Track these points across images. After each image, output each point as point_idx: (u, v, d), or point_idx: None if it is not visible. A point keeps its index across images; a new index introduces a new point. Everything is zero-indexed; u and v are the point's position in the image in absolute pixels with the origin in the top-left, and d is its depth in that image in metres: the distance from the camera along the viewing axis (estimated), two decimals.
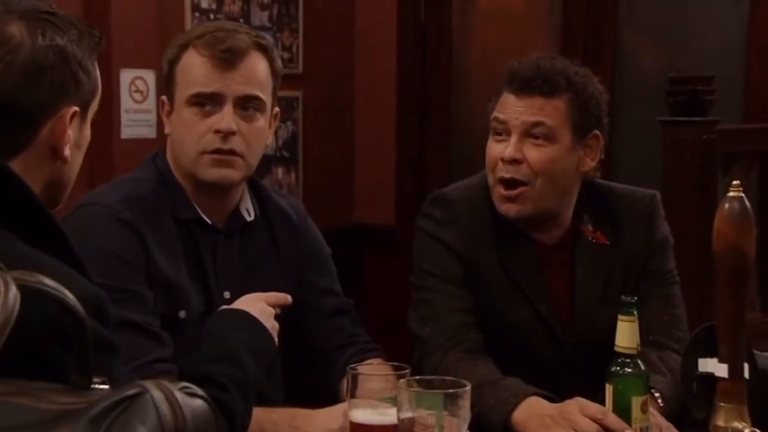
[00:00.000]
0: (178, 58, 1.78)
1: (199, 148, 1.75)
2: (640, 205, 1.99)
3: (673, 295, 1.99)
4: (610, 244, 1.96)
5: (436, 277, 1.93)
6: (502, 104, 1.91)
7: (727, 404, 1.42)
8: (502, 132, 1.91)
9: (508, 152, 1.88)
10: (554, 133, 1.88)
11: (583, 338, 1.91)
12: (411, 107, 4.23)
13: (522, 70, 1.90)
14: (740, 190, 1.38)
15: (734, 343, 1.42)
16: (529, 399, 1.73)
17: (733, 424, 1.42)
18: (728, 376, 1.42)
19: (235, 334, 1.59)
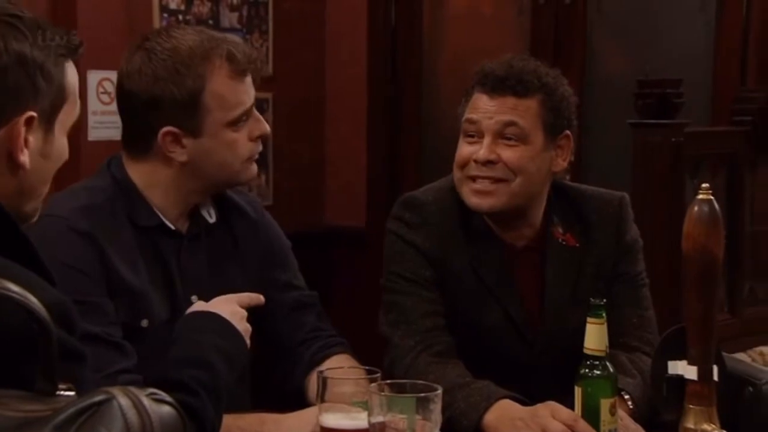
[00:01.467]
0: None
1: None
2: (610, 207, 2.00)
3: (642, 297, 2.00)
4: (580, 246, 1.97)
5: (407, 280, 1.93)
6: (474, 105, 1.91)
7: (696, 406, 1.43)
8: (474, 133, 1.90)
9: (482, 154, 1.88)
10: (527, 133, 1.88)
11: (553, 340, 1.91)
12: (382, 109, 4.23)
13: (494, 71, 1.90)
14: (709, 193, 1.39)
15: (703, 345, 1.43)
16: (500, 402, 1.73)
17: (703, 426, 1.42)
18: (697, 378, 1.43)
19: (207, 337, 1.58)
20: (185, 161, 1.75)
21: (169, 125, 1.72)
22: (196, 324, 1.61)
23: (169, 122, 1.72)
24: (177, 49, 1.73)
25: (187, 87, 1.71)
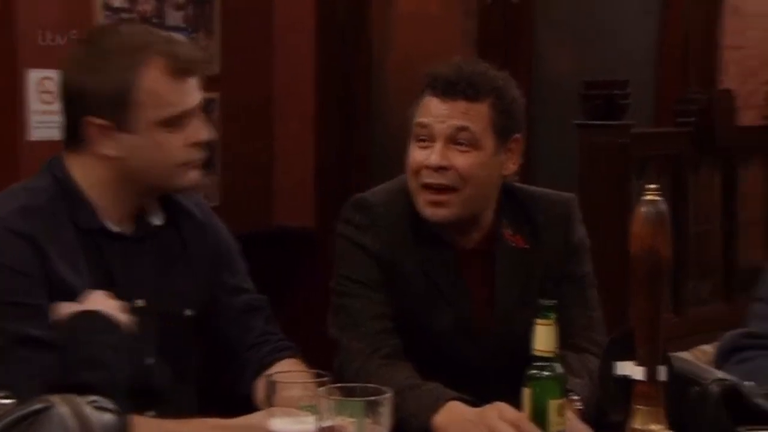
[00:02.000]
0: None
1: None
2: (558, 209, 2.01)
3: (590, 297, 2.01)
4: (529, 247, 1.97)
5: (356, 282, 1.92)
6: (425, 109, 1.90)
7: (643, 407, 1.44)
8: (425, 137, 1.89)
9: (433, 159, 1.87)
10: (478, 138, 1.88)
11: (504, 342, 1.91)
12: (331, 108, 4.21)
13: (445, 74, 1.89)
14: (656, 194, 1.39)
15: (651, 345, 1.44)
16: (449, 404, 1.72)
17: (650, 426, 1.43)
18: (645, 379, 1.43)
19: (97, 336, 1.57)
20: (116, 156, 1.72)
21: (93, 116, 1.71)
22: (81, 325, 1.59)
23: (94, 113, 1.71)
24: (113, 42, 1.73)
25: (114, 79, 1.70)
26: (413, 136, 1.92)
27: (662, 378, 1.44)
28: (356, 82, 4.21)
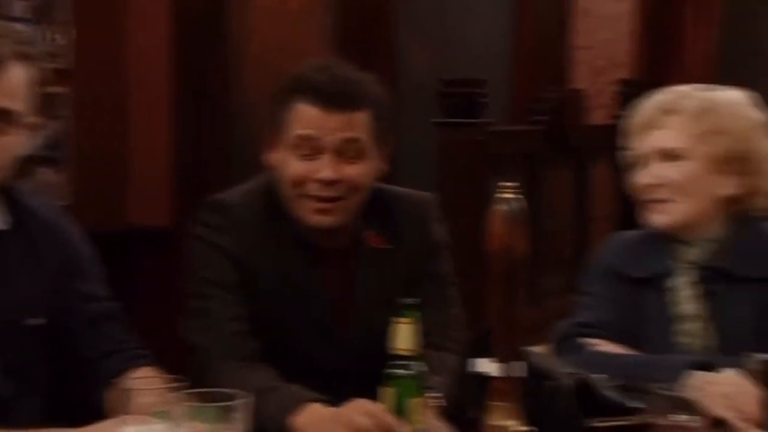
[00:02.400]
0: None
1: None
2: (417, 208, 2.01)
3: (449, 296, 2.02)
4: (391, 248, 1.97)
5: (213, 284, 1.88)
6: (305, 120, 1.85)
7: (500, 403, 1.45)
8: (310, 150, 1.85)
9: (326, 174, 1.84)
10: (364, 147, 1.87)
11: (365, 344, 1.90)
12: (187, 104, 4.11)
13: (321, 82, 1.84)
14: (512, 191, 1.40)
15: (508, 341, 1.45)
16: (308, 405, 1.70)
17: (506, 422, 1.44)
18: (502, 375, 1.45)
19: None
20: None
21: None
22: None
23: None
24: None
25: None
26: (292, 147, 1.87)
27: (518, 374, 1.46)
28: (213, 76, 4.12)
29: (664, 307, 1.97)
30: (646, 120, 2.01)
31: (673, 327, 1.96)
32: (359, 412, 1.62)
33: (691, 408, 1.55)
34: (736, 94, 2.01)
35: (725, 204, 1.98)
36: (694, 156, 1.95)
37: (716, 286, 1.94)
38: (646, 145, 2.00)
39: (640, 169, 2.02)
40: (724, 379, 1.73)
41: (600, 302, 2.03)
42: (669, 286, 1.98)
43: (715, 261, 1.96)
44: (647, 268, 2.00)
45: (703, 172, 1.95)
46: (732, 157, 1.95)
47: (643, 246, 2.04)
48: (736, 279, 1.93)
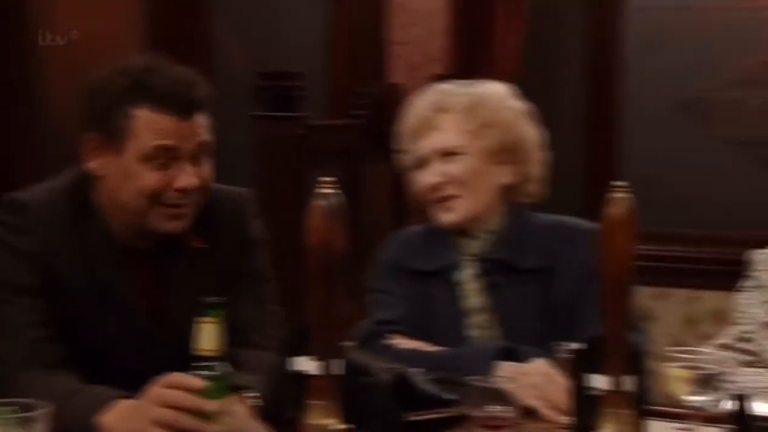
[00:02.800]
0: None
1: None
2: (234, 205, 1.97)
3: (266, 293, 1.99)
4: (207, 247, 1.91)
5: (10, 288, 1.77)
6: (158, 129, 1.77)
7: (318, 401, 1.43)
8: (165, 159, 1.78)
9: (187, 182, 1.79)
10: (210, 148, 1.84)
11: (177, 346, 1.84)
12: None
13: (167, 89, 1.77)
14: (332, 186, 1.39)
15: (327, 339, 1.43)
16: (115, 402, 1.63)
17: (325, 421, 1.42)
18: (320, 373, 1.43)
19: None
20: None
21: None
22: None
23: None
24: None
25: None
26: (144, 158, 1.78)
27: (337, 371, 1.44)
28: (19, 66, 3.91)
29: (451, 301, 2.01)
30: (420, 122, 2.04)
31: (461, 320, 2.00)
32: (161, 400, 1.56)
33: (503, 399, 1.58)
34: (499, 87, 2.07)
35: (503, 194, 2.04)
36: (472, 151, 2.00)
37: (498, 277, 2.00)
38: (425, 146, 2.02)
39: (421, 170, 2.04)
40: (533, 368, 1.78)
41: (393, 299, 2.05)
42: (455, 279, 2.02)
43: (496, 253, 2.01)
44: (433, 262, 2.04)
45: (482, 165, 2.01)
46: (505, 148, 2.02)
47: (428, 240, 2.08)
48: (516, 270, 1.99)
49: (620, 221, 1.34)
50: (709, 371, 1.57)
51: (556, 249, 1.98)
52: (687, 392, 1.56)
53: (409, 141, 2.06)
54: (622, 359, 1.35)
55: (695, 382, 1.56)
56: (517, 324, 1.96)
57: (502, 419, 1.58)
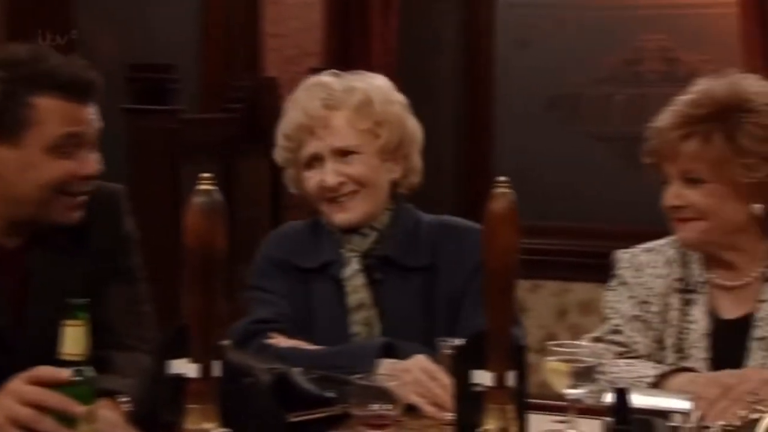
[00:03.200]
0: None
1: None
2: (105, 201, 1.90)
3: (139, 292, 1.92)
4: (73, 246, 1.83)
5: None
6: (65, 116, 1.73)
7: (196, 405, 1.38)
8: (71, 147, 1.74)
9: (92, 169, 1.78)
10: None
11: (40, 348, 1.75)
12: None
13: (67, 75, 1.73)
14: (210, 183, 1.34)
15: (205, 340, 1.38)
16: None
17: (202, 425, 1.38)
18: (198, 376, 1.38)
19: None
20: None
21: None
22: None
23: None
24: None
25: None
26: (50, 147, 1.72)
27: (216, 374, 1.40)
28: None
29: (335, 298, 1.98)
30: (310, 119, 1.98)
31: (345, 317, 1.98)
32: (21, 397, 1.50)
33: (385, 396, 1.57)
34: (381, 80, 2.06)
35: (391, 189, 2.03)
36: (368, 150, 1.98)
37: (383, 274, 1.99)
38: (318, 145, 1.98)
39: (314, 169, 1.99)
40: (414, 365, 1.78)
41: (273, 296, 2.01)
42: (339, 276, 1.99)
43: (379, 249, 2.00)
44: (317, 258, 2.01)
45: (377, 164, 1.99)
46: (395, 144, 2.00)
47: (311, 236, 2.04)
48: (399, 267, 1.98)
49: (503, 217, 1.34)
50: (587, 364, 1.59)
51: (441, 247, 1.97)
52: (565, 385, 1.58)
53: (297, 138, 2.00)
54: (505, 355, 1.35)
55: (573, 375, 1.58)
56: (401, 321, 1.95)
57: (384, 417, 1.57)
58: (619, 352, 1.93)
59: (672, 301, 1.92)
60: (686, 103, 1.89)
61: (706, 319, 1.88)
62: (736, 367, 1.81)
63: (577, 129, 4.29)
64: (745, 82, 1.89)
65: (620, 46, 4.20)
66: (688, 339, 1.89)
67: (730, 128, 1.82)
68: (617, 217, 4.11)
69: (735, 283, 1.90)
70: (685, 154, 1.85)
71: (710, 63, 4.01)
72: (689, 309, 1.90)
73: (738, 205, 1.85)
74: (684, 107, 1.88)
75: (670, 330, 1.90)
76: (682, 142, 1.85)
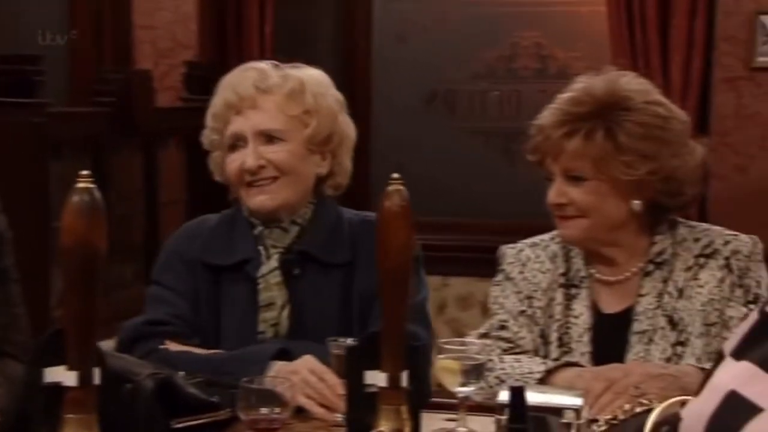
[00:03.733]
0: None
1: None
2: None
3: (12, 293, 1.81)
4: None
5: None
6: None
7: (74, 415, 1.30)
8: None
9: None
10: None
11: None
12: None
13: None
14: (89, 181, 1.26)
15: (84, 346, 1.31)
16: None
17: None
18: (77, 384, 1.30)
19: None
20: None
21: None
22: None
23: None
24: None
25: None
26: None
27: (95, 381, 1.32)
28: None
29: (249, 297, 1.91)
30: (238, 99, 1.91)
31: (258, 315, 1.91)
32: None
33: (274, 399, 1.52)
34: (318, 73, 2.01)
35: (315, 185, 1.98)
36: (292, 137, 1.92)
37: (300, 270, 1.92)
38: (243, 125, 1.91)
39: (235, 151, 1.92)
40: (301, 365, 1.73)
41: (172, 294, 1.92)
42: (255, 272, 1.91)
43: (300, 245, 1.94)
44: (232, 256, 1.93)
45: (302, 152, 1.92)
46: (323, 137, 1.95)
47: (227, 231, 1.96)
48: (319, 263, 1.93)
49: (396, 214, 1.31)
50: (477, 361, 1.59)
51: (360, 243, 1.91)
52: (456, 383, 1.57)
53: (224, 118, 1.92)
54: (400, 355, 1.33)
55: (464, 373, 1.57)
56: (318, 318, 1.88)
57: (272, 421, 1.53)
58: (505, 348, 1.93)
59: (556, 295, 1.93)
60: (567, 101, 1.90)
61: (588, 314, 1.90)
62: (617, 361, 1.84)
63: (455, 124, 4.32)
64: (622, 80, 1.91)
65: (496, 43, 4.25)
66: (571, 333, 1.90)
67: (611, 126, 1.84)
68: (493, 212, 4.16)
69: (615, 278, 1.92)
70: (568, 152, 1.86)
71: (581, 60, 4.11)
72: (572, 304, 1.92)
73: (618, 202, 1.87)
74: (565, 105, 1.89)
75: (554, 325, 1.92)
76: (565, 140, 1.86)
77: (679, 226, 1.92)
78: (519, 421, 1.20)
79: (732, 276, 1.85)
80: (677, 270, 1.88)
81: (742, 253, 1.86)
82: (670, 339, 1.84)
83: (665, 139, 1.85)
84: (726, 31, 3.81)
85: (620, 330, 1.88)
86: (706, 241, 1.89)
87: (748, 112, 3.82)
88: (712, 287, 1.85)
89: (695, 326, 1.84)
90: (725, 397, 1.06)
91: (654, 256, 1.89)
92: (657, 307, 1.86)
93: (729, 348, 1.18)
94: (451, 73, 4.27)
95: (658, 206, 1.88)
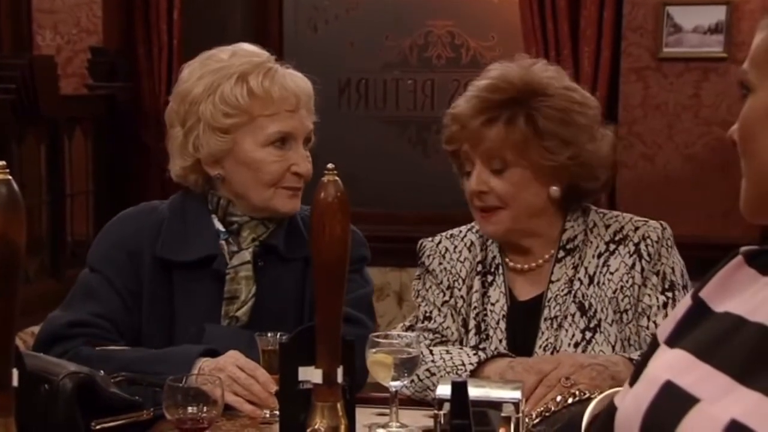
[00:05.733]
0: None
1: None
2: None
3: None
4: None
5: None
6: None
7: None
8: None
9: None
10: None
11: None
12: None
13: None
14: (7, 173, 1.18)
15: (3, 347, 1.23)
16: None
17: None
18: None
19: None
20: None
21: None
22: None
23: None
24: None
25: None
26: None
27: (14, 383, 1.25)
28: None
29: (211, 289, 1.82)
30: (290, 95, 1.89)
31: (222, 307, 1.83)
32: None
33: (201, 397, 1.48)
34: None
35: None
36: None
37: (266, 264, 1.85)
38: (295, 125, 1.90)
39: (282, 149, 1.87)
40: (228, 362, 1.68)
41: (109, 289, 1.81)
42: (221, 267, 1.83)
43: (268, 238, 1.87)
44: (191, 250, 1.83)
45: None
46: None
47: (180, 224, 1.86)
48: (284, 258, 1.87)
49: (332, 206, 1.27)
50: (408, 355, 1.56)
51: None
52: (389, 377, 1.54)
53: (266, 109, 1.86)
54: (335, 350, 1.29)
55: (395, 367, 1.55)
56: (276, 312, 1.82)
57: (198, 420, 1.48)
58: (431, 339, 1.91)
59: (474, 283, 1.92)
60: (485, 88, 1.87)
61: (504, 301, 1.89)
62: (530, 348, 1.83)
63: (368, 113, 4.29)
64: (536, 67, 1.90)
65: (410, 32, 4.23)
66: (488, 321, 1.89)
67: (530, 112, 1.83)
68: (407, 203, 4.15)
69: (529, 265, 1.91)
70: (488, 140, 1.83)
71: (494, 50, 4.13)
72: (489, 291, 1.91)
73: (538, 190, 1.86)
74: (483, 92, 1.87)
75: (473, 312, 1.90)
76: (486, 127, 1.84)
77: (591, 212, 1.93)
78: (461, 416, 1.17)
79: (643, 262, 1.85)
80: (588, 256, 1.88)
81: (652, 238, 1.86)
82: (579, 325, 1.84)
83: (582, 124, 1.85)
84: (633, 21, 3.87)
85: (532, 317, 1.87)
86: (617, 227, 1.89)
87: (655, 102, 3.90)
88: (622, 274, 1.85)
89: (607, 313, 1.83)
90: (661, 387, 1.06)
91: (565, 242, 1.89)
92: (567, 293, 1.86)
93: (663, 335, 1.18)
94: (364, 63, 4.24)
95: (575, 192, 1.88)
